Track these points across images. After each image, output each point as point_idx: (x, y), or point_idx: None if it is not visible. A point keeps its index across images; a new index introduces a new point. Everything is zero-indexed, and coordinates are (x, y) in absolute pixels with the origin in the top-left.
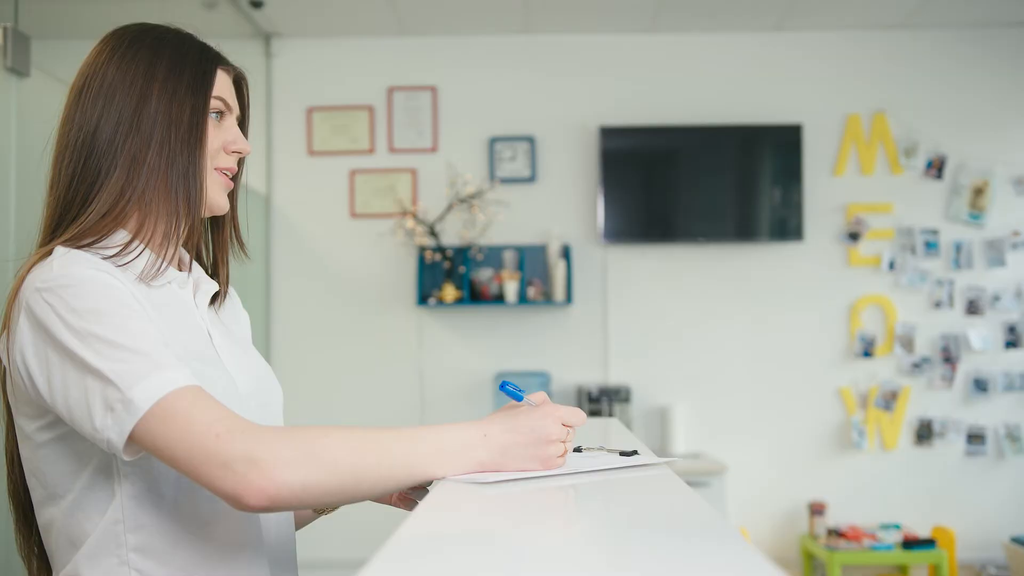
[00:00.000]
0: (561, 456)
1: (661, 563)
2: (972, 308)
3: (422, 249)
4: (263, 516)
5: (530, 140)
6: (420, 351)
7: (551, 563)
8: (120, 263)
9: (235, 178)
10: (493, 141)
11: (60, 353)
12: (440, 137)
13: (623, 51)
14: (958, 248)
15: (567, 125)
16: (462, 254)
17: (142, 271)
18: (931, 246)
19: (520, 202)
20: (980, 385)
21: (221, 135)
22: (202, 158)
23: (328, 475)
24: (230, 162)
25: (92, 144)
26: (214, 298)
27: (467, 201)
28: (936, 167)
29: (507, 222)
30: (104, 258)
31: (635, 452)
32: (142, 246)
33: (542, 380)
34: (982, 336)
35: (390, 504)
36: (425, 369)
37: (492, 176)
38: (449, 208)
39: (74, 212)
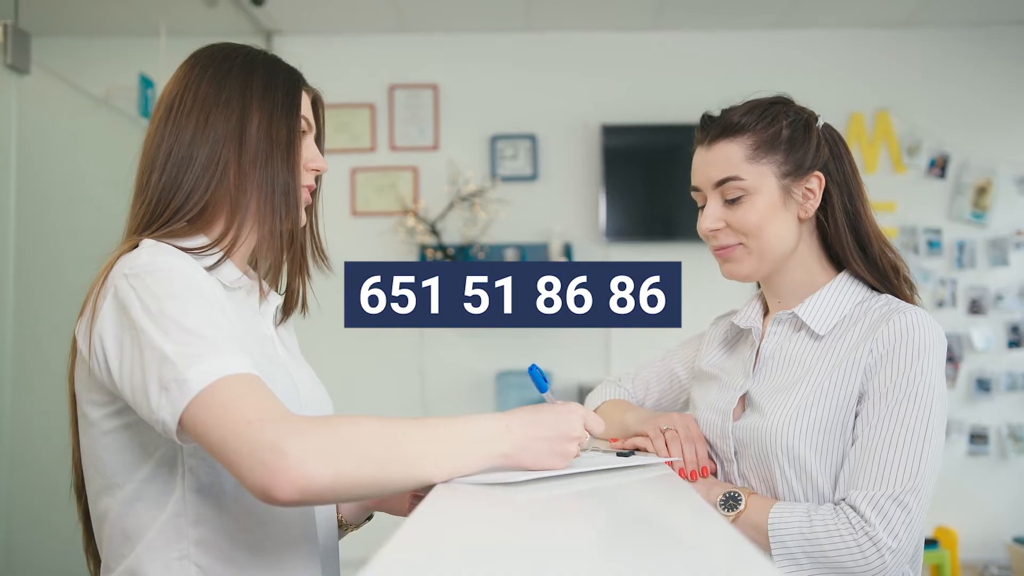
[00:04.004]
0: (575, 456)
1: (665, 564)
2: (975, 308)
3: (423, 247)
4: (315, 512)
5: (532, 138)
6: (421, 349)
7: (553, 564)
8: (207, 264)
9: (313, 194)
10: (495, 139)
11: (133, 333)
12: (441, 135)
13: (625, 49)
14: (961, 247)
15: (569, 123)
16: (463, 252)
17: (223, 275)
18: (934, 245)
19: (522, 200)
20: (983, 385)
21: (303, 153)
22: (298, 175)
23: (358, 467)
24: (309, 179)
25: (189, 157)
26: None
27: (468, 199)
28: (939, 166)
29: (509, 220)
30: (192, 254)
31: (633, 452)
32: (221, 252)
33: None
34: (985, 336)
35: (404, 516)
36: (426, 368)
37: (493, 174)
38: (450, 206)
39: (166, 218)
